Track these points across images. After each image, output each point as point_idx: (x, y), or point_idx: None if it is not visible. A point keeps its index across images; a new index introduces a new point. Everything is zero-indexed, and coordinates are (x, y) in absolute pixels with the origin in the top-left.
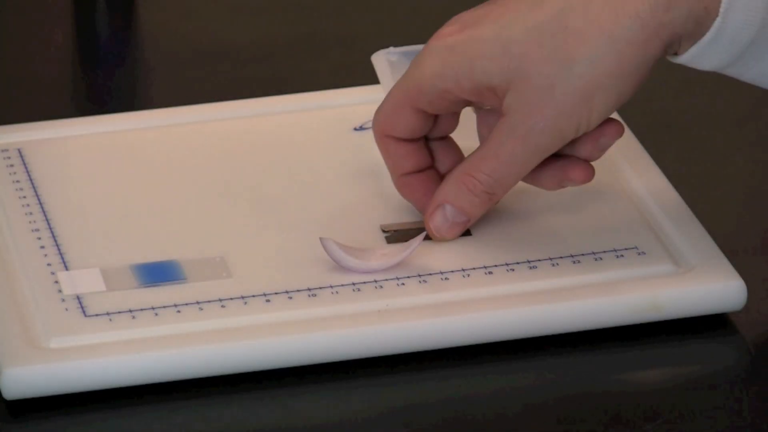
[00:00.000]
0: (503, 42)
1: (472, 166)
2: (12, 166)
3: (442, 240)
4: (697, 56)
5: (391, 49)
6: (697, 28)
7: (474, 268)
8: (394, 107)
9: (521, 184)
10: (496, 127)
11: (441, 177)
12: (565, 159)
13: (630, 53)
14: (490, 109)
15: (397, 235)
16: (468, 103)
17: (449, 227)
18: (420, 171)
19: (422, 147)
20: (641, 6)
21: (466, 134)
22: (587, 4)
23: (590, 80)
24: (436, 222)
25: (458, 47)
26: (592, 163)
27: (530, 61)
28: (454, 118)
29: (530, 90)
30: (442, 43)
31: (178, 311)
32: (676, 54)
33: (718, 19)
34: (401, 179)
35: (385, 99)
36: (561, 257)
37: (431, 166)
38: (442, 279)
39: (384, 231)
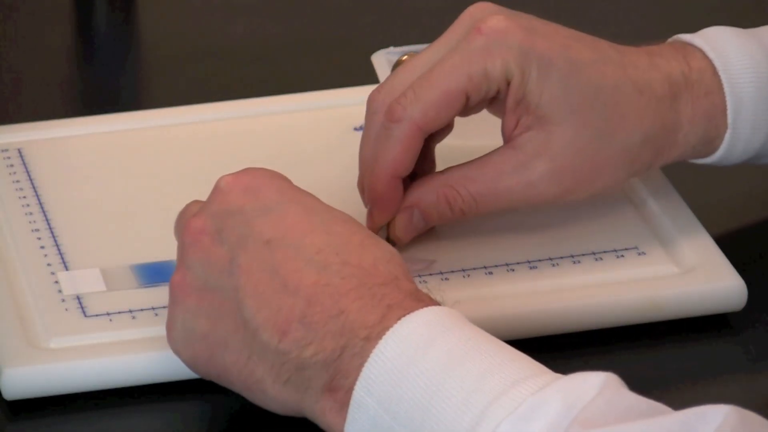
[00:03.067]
0: (569, 79)
1: (459, 182)
2: (12, 166)
3: (397, 241)
4: (715, 163)
5: (391, 49)
6: (708, 147)
7: (474, 268)
8: (447, 95)
9: None
10: (500, 155)
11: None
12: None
13: (645, 158)
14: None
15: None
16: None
17: (409, 231)
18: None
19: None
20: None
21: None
22: (638, 92)
23: (609, 160)
24: (402, 223)
25: (528, 50)
26: None
27: (578, 117)
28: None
29: (559, 144)
30: (505, 40)
31: None
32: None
33: (728, 135)
34: (394, 181)
35: (425, 86)
36: (561, 257)
37: None
38: (442, 279)
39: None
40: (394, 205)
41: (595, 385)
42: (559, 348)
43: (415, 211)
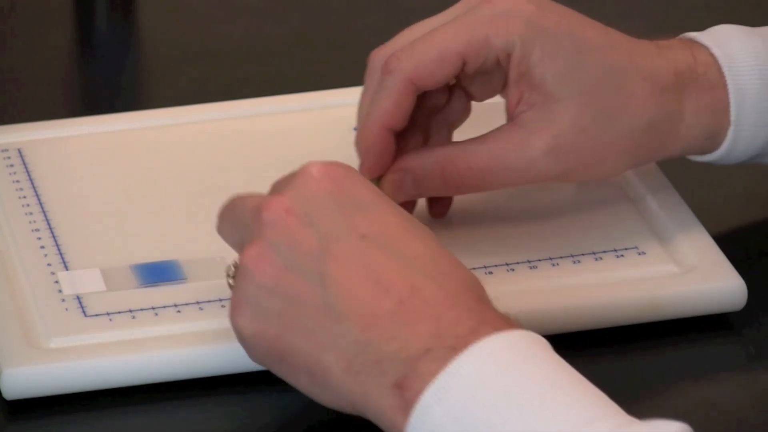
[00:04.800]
0: (576, 58)
1: (459, 155)
2: (12, 166)
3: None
4: (717, 161)
5: None
6: (711, 143)
7: (474, 268)
8: (442, 54)
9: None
10: (504, 131)
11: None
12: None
13: (650, 146)
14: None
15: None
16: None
17: (399, 194)
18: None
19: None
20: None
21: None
22: (643, 78)
23: (613, 144)
24: (392, 184)
25: (535, 24)
26: None
27: (582, 97)
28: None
29: (562, 122)
30: (513, 11)
31: (178, 311)
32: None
33: (731, 131)
34: (384, 132)
35: (424, 43)
36: (561, 257)
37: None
38: None
39: None
40: (383, 158)
41: None
42: (559, 348)
43: (408, 175)
